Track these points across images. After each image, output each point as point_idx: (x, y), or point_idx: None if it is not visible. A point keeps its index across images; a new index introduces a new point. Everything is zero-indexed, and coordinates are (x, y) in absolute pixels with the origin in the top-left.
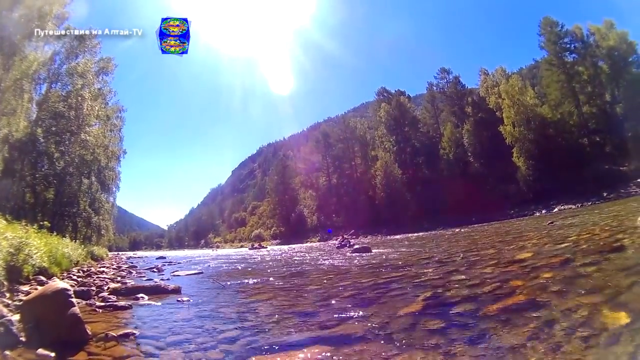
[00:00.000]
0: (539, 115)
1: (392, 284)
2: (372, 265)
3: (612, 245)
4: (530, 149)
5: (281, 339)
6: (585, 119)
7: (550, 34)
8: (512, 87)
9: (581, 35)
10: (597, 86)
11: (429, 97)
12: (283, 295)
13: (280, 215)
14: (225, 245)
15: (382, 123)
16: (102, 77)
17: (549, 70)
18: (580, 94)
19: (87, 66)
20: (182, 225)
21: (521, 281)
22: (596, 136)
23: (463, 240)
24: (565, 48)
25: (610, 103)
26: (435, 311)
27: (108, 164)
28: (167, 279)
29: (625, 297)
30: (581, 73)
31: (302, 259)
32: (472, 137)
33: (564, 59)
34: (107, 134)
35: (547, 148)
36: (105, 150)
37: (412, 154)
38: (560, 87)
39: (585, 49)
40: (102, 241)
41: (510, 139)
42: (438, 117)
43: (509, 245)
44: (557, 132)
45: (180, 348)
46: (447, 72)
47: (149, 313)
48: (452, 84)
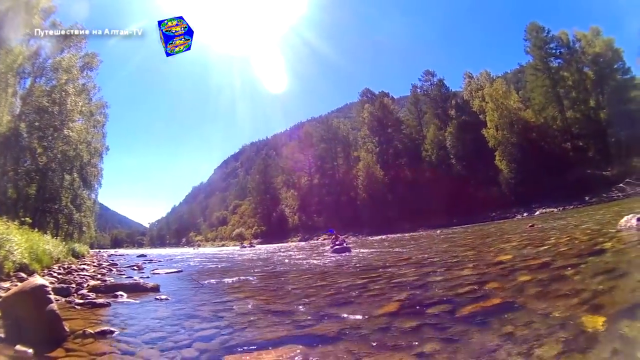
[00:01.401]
0: (523, 119)
1: (370, 284)
2: (351, 265)
3: (592, 248)
4: (512, 152)
5: (256, 338)
6: (568, 124)
7: (536, 39)
8: (496, 91)
9: (567, 41)
10: (582, 92)
11: (412, 99)
12: (261, 294)
13: (262, 214)
14: (207, 244)
15: (365, 124)
16: (87, 73)
17: (533, 75)
18: (565, 99)
19: (72, 61)
20: (164, 223)
21: (498, 283)
22: (579, 141)
23: (443, 242)
24: (550, 53)
25: (594, 109)
26: (410, 312)
27: (90, 161)
28: (147, 277)
29: (602, 301)
30: (566, 78)
31: (283, 259)
32: (455, 139)
33: (549, 64)
34: (90, 130)
35: (529, 152)
36: (88, 147)
37: (394, 155)
38: (545, 92)
39: (570, 55)
40: (84, 238)
41: (493, 142)
42: (421, 119)
43: (489, 247)
44: (541, 136)
45: (156, 346)
46: (432, 75)
47: (127, 311)
48: (436, 86)
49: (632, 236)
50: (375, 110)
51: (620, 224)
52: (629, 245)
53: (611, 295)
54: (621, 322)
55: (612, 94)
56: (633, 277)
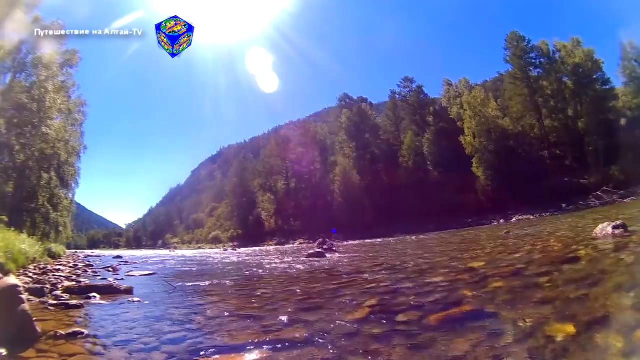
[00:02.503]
0: (500, 127)
1: (341, 290)
2: (325, 270)
3: (566, 256)
4: (489, 160)
5: (223, 342)
6: (546, 132)
7: (516, 48)
8: (475, 99)
9: (547, 51)
10: (560, 101)
11: (391, 105)
12: (232, 298)
13: (238, 217)
14: (183, 247)
15: (343, 129)
16: (67, 70)
17: (512, 83)
18: (543, 108)
19: (53, 58)
20: (141, 224)
21: (470, 290)
22: (557, 149)
23: (418, 247)
24: (530, 63)
25: (572, 118)
26: (380, 318)
27: (68, 160)
28: (121, 279)
29: (574, 309)
30: (545, 88)
31: (258, 262)
32: (432, 146)
33: (529, 73)
34: (69, 128)
35: (507, 159)
36: (66, 145)
37: (371, 161)
38: (523, 101)
39: (550, 65)
40: (61, 238)
41: (470, 149)
42: (399, 125)
43: (463, 253)
44: (518, 144)
45: (126, 348)
46: (411, 81)
47: (100, 313)
48: (414, 93)
49: (607, 244)
50: (353, 115)
51: (596, 232)
52: (603, 254)
53: (583, 303)
54: (592, 331)
55: (591, 104)
56: (606, 285)
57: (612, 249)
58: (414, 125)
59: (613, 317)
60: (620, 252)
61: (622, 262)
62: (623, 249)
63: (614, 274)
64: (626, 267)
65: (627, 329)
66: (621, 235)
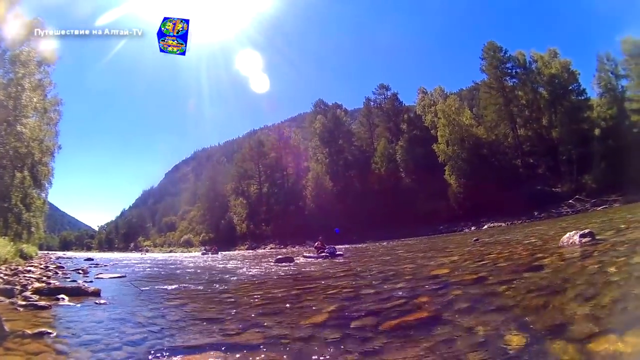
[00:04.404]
0: (474, 135)
1: (303, 295)
2: (290, 275)
3: (531, 264)
4: (462, 168)
5: (182, 344)
6: (520, 141)
7: (492, 58)
8: (449, 107)
9: (524, 61)
10: (535, 111)
11: (365, 111)
12: (196, 301)
13: (210, 221)
14: (155, 250)
15: (317, 135)
16: (44, 68)
17: (487, 92)
18: (518, 117)
19: (31, 55)
20: (113, 226)
21: (429, 297)
22: (530, 158)
23: (387, 254)
24: (506, 72)
25: (546, 127)
26: (337, 323)
27: (42, 159)
28: (90, 281)
29: (530, 318)
30: (520, 97)
31: (227, 267)
32: (405, 153)
33: (504, 83)
34: (44, 127)
35: (479, 167)
36: (40, 144)
37: (344, 167)
38: (498, 110)
39: (526, 75)
40: (33, 239)
41: (443, 157)
42: (373, 132)
43: (430, 260)
44: (491, 152)
45: (89, 348)
46: (386, 89)
47: (67, 314)
48: (389, 100)
49: (573, 253)
50: (327, 121)
51: (563, 240)
52: (568, 262)
53: (540, 312)
54: (546, 340)
55: (565, 114)
56: (567, 294)
57: (578, 258)
58: (388, 132)
59: (569, 326)
60: (585, 261)
61: (585, 271)
62: (588, 257)
63: (576, 283)
64: (589, 275)
65: (582, 339)
66: (588, 244)
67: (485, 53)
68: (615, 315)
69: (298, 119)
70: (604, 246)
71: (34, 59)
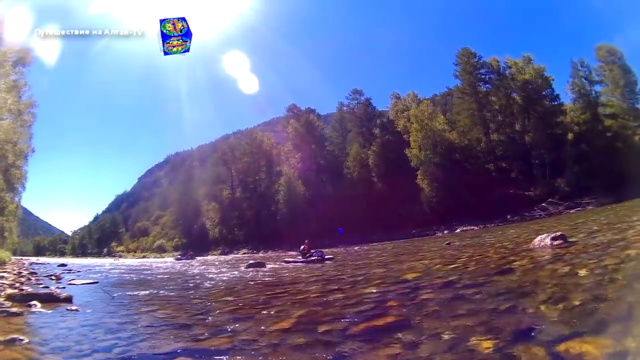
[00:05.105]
0: (447, 140)
1: (273, 300)
2: (261, 281)
3: (501, 267)
4: (435, 172)
5: (152, 350)
6: (493, 146)
7: (466, 64)
8: (422, 112)
9: (497, 67)
10: (508, 116)
11: (338, 116)
12: (167, 307)
13: (183, 226)
14: (128, 255)
15: (289, 139)
16: (19, 68)
17: (461, 98)
18: (491, 123)
19: (6, 56)
20: (86, 232)
21: (398, 302)
22: (503, 162)
23: (358, 258)
24: (479, 78)
25: (519, 132)
26: (305, 328)
27: (15, 162)
28: (63, 287)
29: (498, 321)
30: (493, 103)
31: (199, 272)
32: (378, 157)
33: (477, 89)
34: (18, 129)
35: (452, 172)
36: (14, 147)
37: (316, 172)
38: (471, 115)
39: (500, 81)
40: (6, 244)
41: (415, 162)
42: (346, 137)
43: (401, 264)
44: (464, 157)
45: (61, 354)
46: (359, 94)
47: (39, 320)
48: (362, 105)
49: (544, 255)
50: (300, 125)
51: (534, 243)
52: (538, 265)
53: (509, 316)
54: (513, 344)
55: (538, 119)
56: (536, 297)
57: (548, 260)
58: (361, 137)
59: (538, 329)
60: (555, 263)
61: (555, 274)
62: (559, 260)
63: (546, 285)
64: (559, 278)
65: (550, 342)
66: (559, 247)
67: (459, 59)
68: (585, 317)
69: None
70: (575, 248)
71: (9, 59)
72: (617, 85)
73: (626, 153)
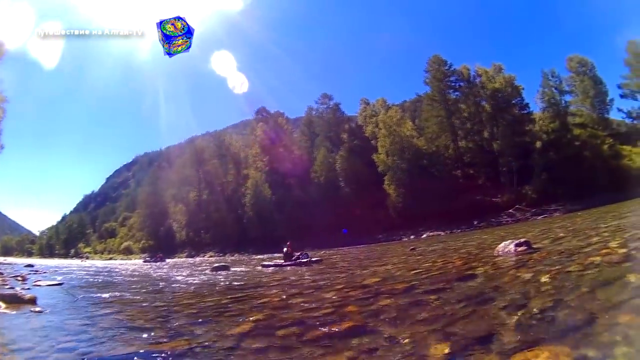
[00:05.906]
0: (414, 146)
1: (233, 304)
2: (224, 284)
3: (464, 273)
4: (401, 178)
5: (111, 352)
6: (461, 153)
7: (436, 71)
8: (390, 118)
9: (468, 75)
10: (477, 123)
11: (306, 120)
12: (129, 310)
13: (150, 228)
14: (95, 257)
15: (257, 142)
16: None
17: (430, 105)
18: (459, 130)
19: None
20: (54, 232)
21: (357, 307)
22: (470, 169)
23: (322, 263)
24: (449, 86)
25: (487, 139)
26: (262, 332)
27: None
28: (28, 288)
29: (455, 328)
30: (462, 110)
31: (164, 275)
32: (345, 162)
33: (447, 96)
34: None
35: (419, 177)
36: None
37: (283, 175)
38: (440, 122)
39: (469, 89)
40: None
41: (382, 167)
42: (314, 141)
43: (364, 269)
44: (431, 163)
45: (21, 355)
46: (329, 98)
47: (1, 321)
48: (331, 110)
49: (507, 261)
50: (269, 129)
51: (498, 249)
52: (500, 271)
53: (467, 322)
54: (469, 351)
55: (506, 127)
56: (496, 304)
57: (511, 266)
58: (328, 142)
59: (496, 336)
60: (518, 270)
61: (517, 280)
62: (522, 266)
63: (507, 292)
64: (521, 284)
65: (507, 350)
66: (523, 253)
67: (429, 66)
68: (544, 325)
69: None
70: (539, 255)
71: None
72: (587, 96)
73: (594, 162)
